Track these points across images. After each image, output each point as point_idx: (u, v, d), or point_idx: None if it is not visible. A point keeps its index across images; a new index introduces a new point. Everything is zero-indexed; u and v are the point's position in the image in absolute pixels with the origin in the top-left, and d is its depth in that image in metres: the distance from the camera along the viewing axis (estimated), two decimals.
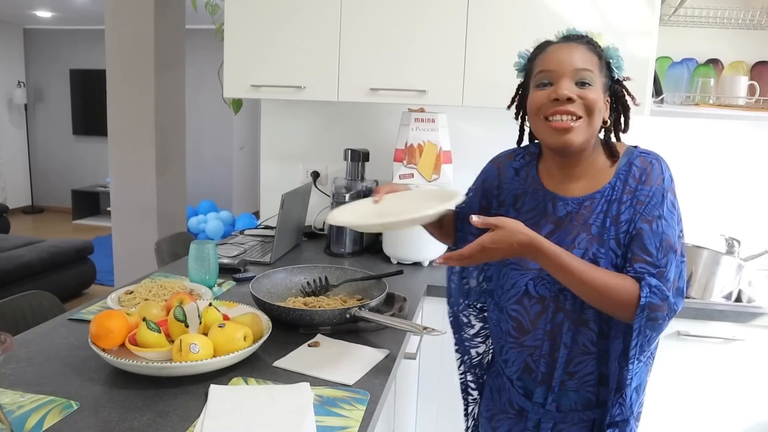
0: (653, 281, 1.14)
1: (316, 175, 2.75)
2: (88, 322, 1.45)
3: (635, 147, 1.28)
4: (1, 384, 1.17)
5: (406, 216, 1.22)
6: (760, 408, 1.99)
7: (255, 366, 1.31)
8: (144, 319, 1.26)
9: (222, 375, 1.25)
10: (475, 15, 2.12)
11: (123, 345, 1.27)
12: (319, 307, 1.62)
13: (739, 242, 2.13)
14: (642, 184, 1.21)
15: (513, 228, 1.13)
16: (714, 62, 2.37)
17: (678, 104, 2.31)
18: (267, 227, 2.70)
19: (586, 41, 1.25)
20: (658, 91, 2.24)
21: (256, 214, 6.54)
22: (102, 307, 1.61)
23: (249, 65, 2.30)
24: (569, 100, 1.18)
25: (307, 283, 1.77)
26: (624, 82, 1.28)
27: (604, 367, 1.26)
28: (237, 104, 3.08)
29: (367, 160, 2.48)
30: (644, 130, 2.45)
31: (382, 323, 1.48)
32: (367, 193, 2.43)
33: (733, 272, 2.05)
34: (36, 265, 4.42)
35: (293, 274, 1.80)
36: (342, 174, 2.57)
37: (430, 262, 2.24)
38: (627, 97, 1.28)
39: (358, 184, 2.45)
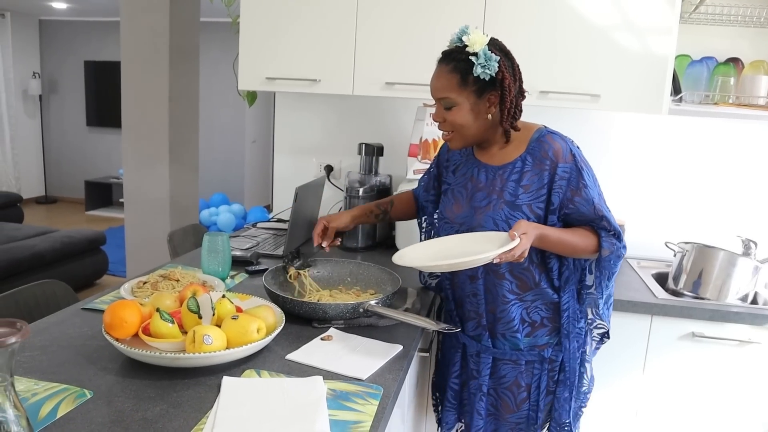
0: (603, 233, 1.44)
1: (329, 168, 2.74)
2: (101, 311, 1.46)
3: (543, 127, 1.51)
4: (16, 371, 1.17)
5: (470, 258, 1.32)
6: None
7: (268, 359, 1.30)
8: (158, 310, 1.26)
9: (235, 367, 1.25)
10: (492, 9, 2.11)
11: (136, 335, 1.27)
12: (332, 300, 1.61)
13: (756, 244, 2.10)
14: (559, 162, 1.43)
15: (529, 227, 1.36)
16: (734, 61, 2.34)
17: (697, 103, 2.28)
18: (279, 220, 2.70)
19: (453, 59, 1.42)
20: (676, 89, 2.22)
21: (268, 208, 6.55)
22: (115, 297, 1.62)
23: (264, 57, 2.30)
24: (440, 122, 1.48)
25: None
26: (505, 72, 1.40)
27: (525, 314, 1.53)
28: (251, 97, 3.08)
29: (381, 155, 2.47)
30: (662, 129, 2.43)
31: (395, 318, 1.47)
32: (381, 188, 2.42)
33: (749, 274, 2.03)
34: (49, 255, 4.45)
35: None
36: (356, 168, 2.56)
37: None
38: (509, 90, 1.41)
39: (372, 178, 2.44)
